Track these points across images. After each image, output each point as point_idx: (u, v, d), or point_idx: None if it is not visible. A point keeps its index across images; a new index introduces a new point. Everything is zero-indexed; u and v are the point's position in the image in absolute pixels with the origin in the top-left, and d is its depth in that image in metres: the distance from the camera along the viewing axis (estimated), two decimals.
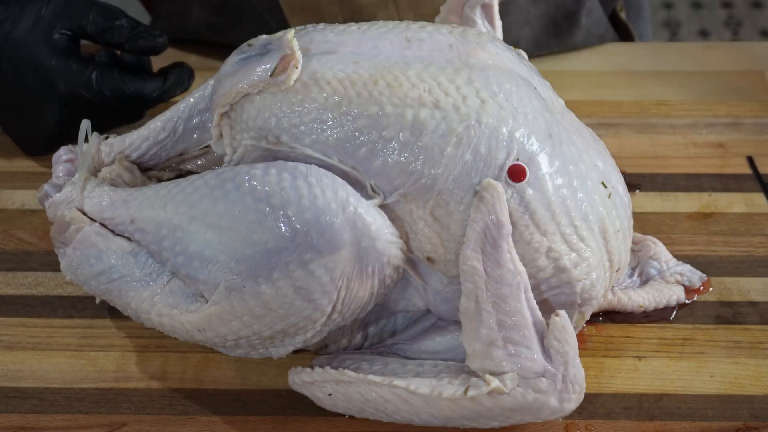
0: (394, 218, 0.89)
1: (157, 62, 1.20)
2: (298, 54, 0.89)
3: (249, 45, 0.92)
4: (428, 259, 0.89)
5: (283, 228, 0.86)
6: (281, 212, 0.86)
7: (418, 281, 0.91)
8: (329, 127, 0.88)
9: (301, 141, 0.89)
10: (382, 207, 0.88)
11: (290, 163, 0.88)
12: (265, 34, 0.97)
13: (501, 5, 1.05)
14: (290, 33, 0.91)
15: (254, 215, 0.86)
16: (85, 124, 0.97)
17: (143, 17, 1.50)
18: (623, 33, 1.38)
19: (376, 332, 0.96)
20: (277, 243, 0.86)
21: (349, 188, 0.87)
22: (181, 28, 1.35)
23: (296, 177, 0.87)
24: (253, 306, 0.87)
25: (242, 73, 0.90)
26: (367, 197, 0.88)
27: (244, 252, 0.86)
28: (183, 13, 1.34)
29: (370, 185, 0.88)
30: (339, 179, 0.87)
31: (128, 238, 0.93)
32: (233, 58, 0.92)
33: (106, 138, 1.01)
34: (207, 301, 0.90)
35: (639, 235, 1.05)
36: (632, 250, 1.03)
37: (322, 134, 0.88)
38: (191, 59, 1.30)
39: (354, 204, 0.87)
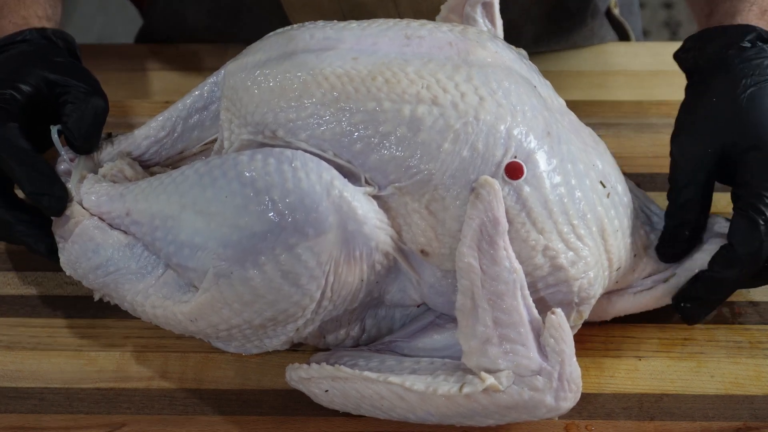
0: (387, 209, 0.89)
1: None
2: None
3: None
4: (422, 251, 0.89)
5: (268, 212, 0.86)
6: (266, 196, 0.86)
7: (411, 273, 0.91)
8: (326, 122, 0.88)
9: (297, 136, 0.89)
10: (376, 198, 0.88)
11: (276, 149, 0.88)
12: (266, 31, 0.98)
13: (502, 1, 1.05)
14: None
15: (240, 200, 0.87)
16: (54, 129, 0.97)
17: (136, 20, 1.51)
18: (618, 30, 1.39)
19: (373, 325, 0.96)
20: (263, 227, 0.86)
21: (335, 172, 0.87)
22: (178, 28, 1.35)
23: (281, 162, 0.87)
24: (241, 292, 0.88)
25: None
26: (360, 186, 0.88)
27: (231, 237, 0.87)
28: (180, 13, 1.34)
29: (365, 178, 0.88)
30: (324, 163, 0.87)
31: (125, 232, 0.93)
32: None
33: (107, 136, 1.01)
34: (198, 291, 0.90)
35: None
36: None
37: (318, 129, 0.88)
38: (189, 59, 1.30)
39: (339, 187, 0.87)
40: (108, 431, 0.92)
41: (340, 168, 0.88)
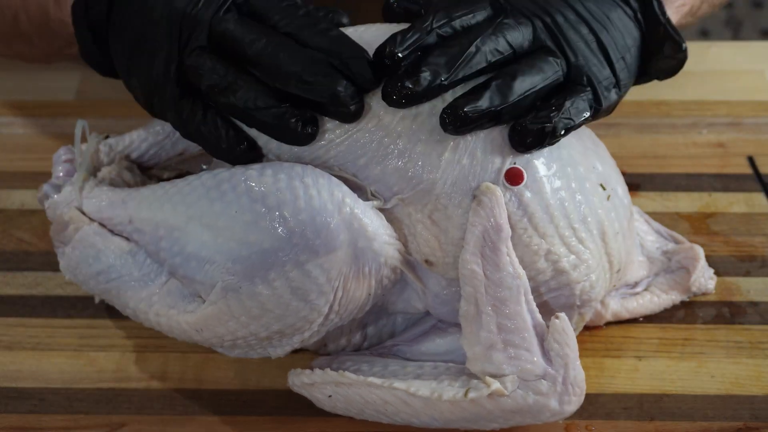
0: (392, 220, 0.88)
1: None
2: None
3: None
4: (426, 261, 0.89)
5: (279, 228, 0.85)
6: (277, 213, 0.86)
7: (416, 284, 0.91)
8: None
9: (301, 154, 0.89)
10: (381, 210, 0.88)
11: (286, 164, 0.88)
12: None
13: None
14: None
15: (250, 216, 0.86)
16: (80, 124, 0.97)
17: None
18: None
19: (375, 332, 0.95)
20: (273, 243, 0.85)
21: (346, 189, 0.87)
22: None
23: (292, 177, 0.86)
24: (249, 306, 0.87)
25: None
26: (366, 200, 0.88)
27: (241, 252, 0.86)
28: None
29: (370, 191, 0.88)
30: (335, 179, 0.87)
31: (127, 238, 0.93)
32: None
33: (106, 138, 1.01)
34: (204, 302, 0.89)
35: (683, 240, 1.04)
36: (674, 252, 1.03)
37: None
38: None
39: (350, 204, 0.86)
40: (108, 431, 0.92)
41: (345, 182, 0.87)
